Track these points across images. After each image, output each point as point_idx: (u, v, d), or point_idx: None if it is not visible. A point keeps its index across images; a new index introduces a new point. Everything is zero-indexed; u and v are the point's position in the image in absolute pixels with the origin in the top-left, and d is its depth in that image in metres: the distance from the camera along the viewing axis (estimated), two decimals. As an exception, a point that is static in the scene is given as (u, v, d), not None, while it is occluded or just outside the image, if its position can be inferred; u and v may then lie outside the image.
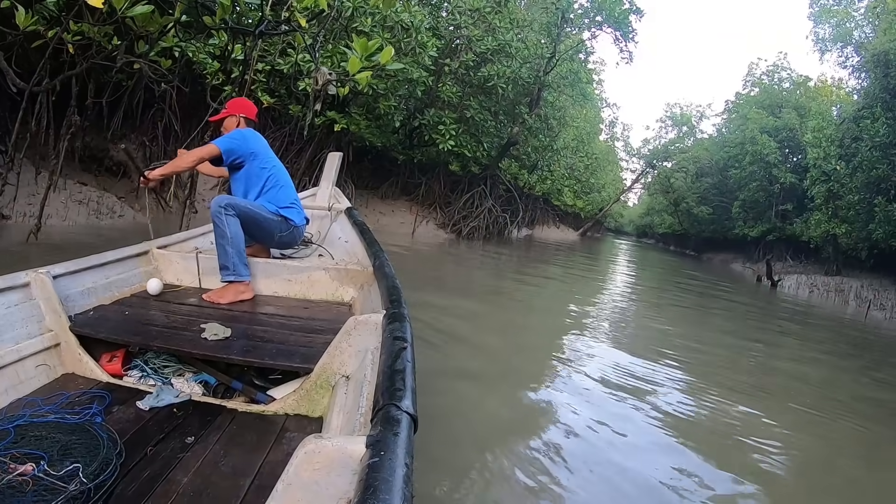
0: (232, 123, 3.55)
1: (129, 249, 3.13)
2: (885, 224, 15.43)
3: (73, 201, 7.91)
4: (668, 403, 4.64)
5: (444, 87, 14.20)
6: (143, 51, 4.00)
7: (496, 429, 3.69)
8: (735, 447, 4.00)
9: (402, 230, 15.99)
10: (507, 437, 3.56)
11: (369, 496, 0.83)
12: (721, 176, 32.68)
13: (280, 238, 3.47)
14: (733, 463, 3.70)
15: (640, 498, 3.05)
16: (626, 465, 3.41)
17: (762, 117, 26.98)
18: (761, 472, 3.63)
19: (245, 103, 3.63)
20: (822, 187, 19.43)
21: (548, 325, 7.58)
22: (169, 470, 1.64)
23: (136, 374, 2.31)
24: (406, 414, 1.14)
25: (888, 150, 15.55)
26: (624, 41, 21.26)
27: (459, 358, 4.98)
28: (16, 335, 2.13)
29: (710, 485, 3.30)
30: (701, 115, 44.05)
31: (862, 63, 19.32)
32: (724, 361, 6.68)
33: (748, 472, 3.59)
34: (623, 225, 71.58)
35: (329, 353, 2.11)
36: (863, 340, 10.60)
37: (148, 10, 2.85)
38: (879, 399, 6.07)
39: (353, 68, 3.60)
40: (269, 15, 3.57)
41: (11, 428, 1.65)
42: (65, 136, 6.15)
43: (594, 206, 38.19)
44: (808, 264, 22.95)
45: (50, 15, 4.00)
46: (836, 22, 24.08)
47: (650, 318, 9.53)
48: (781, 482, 3.61)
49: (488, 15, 14.12)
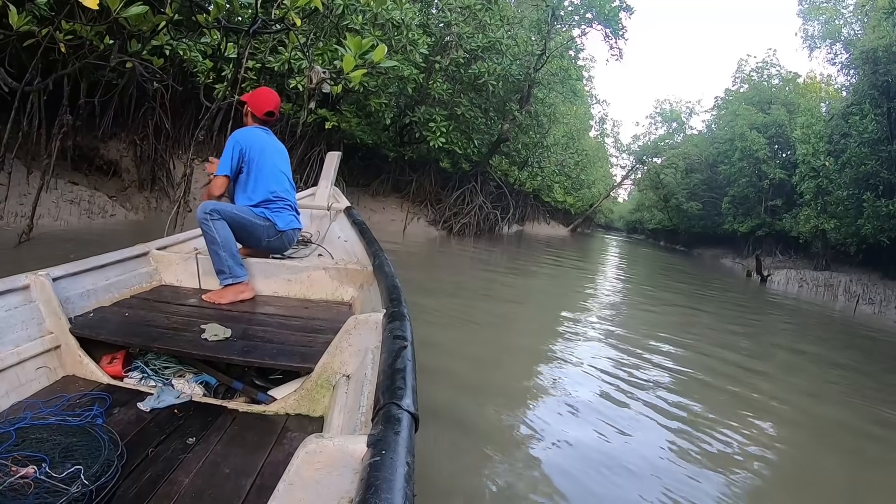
0: (246, 117, 3.54)
1: (129, 251, 3.11)
2: (873, 219, 15.56)
3: (65, 201, 7.85)
4: (667, 401, 4.69)
5: (435, 85, 14.17)
6: (135, 50, 3.97)
7: (487, 427, 3.71)
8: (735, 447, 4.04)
9: (393, 227, 15.97)
10: (502, 435, 3.59)
11: (371, 495, 0.83)
12: (710, 172, 32.89)
13: (268, 243, 3.43)
14: (733, 462, 3.74)
15: (639, 498, 3.08)
16: (624, 462, 3.45)
17: (751, 113, 27.16)
18: (757, 467, 3.68)
19: (260, 97, 3.51)
20: (811, 183, 19.57)
21: (540, 320, 7.61)
22: (170, 471, 1.64)
23: (136, 375, 2.30)
24: (407, 413, 1.14)
25: (876, 147, 15.69)
26: (614, 38, 21.25)
27: (450, 355, 5.00)
28: (16, 338, 2.11)
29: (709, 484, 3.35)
30: (690, 111, 44.33)
31: (851, 60, 19.43)
32: (716, 357, 6.73)
33: (745, 469, 3.63)
34: (613, 221, 71.71)
35: (329, 353, 2.11)
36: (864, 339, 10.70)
37: (143, 10, 2.84)
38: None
39: (348, 66, 3.58)
40: (261, 13, 3.55)
41: (12, 430, 1.65)
42: (57, 136, 6.09)
43: (584, 203, 38.24)
44: (797, 259, 23.15)
45: (41, 14, 3.97)
46: (825, 19, 24.27)
47: (642, 314, 9.58)
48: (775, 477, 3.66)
49: (479, 12, 14.11)
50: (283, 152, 3.62)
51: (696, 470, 3.47)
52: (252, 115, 3.50)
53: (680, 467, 3.47)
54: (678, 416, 4.35)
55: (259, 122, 3.51)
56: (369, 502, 0.81)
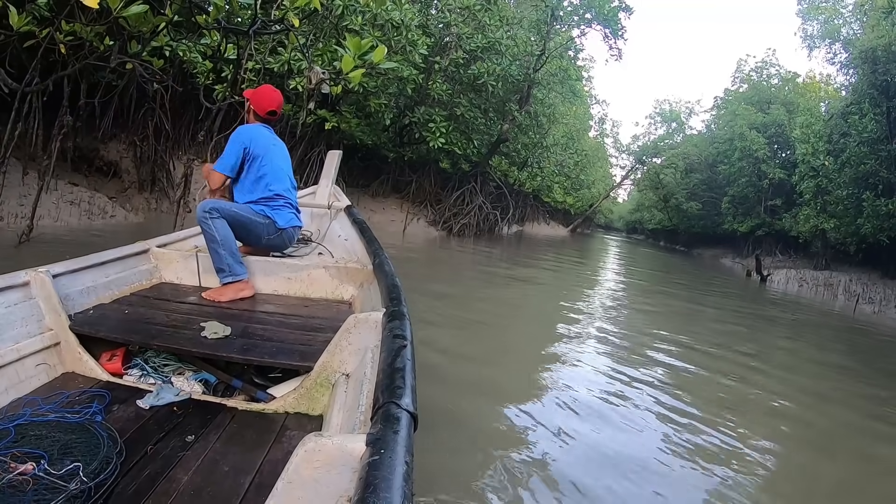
0: (248, 114, 3.53)
1: (129, 248, 3.11)
2: (873, 219, 15.57)
3: (65, 202, 7.86)
4: (667, 400, 4.69)
5: (435, 85, 14.18)
6: (135, 51, 3.98)
7: (487, 426, 3.71)
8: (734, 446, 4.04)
9: (393, 228, 15.97)
10: (502, 434, 3.59)
11: (369, 494, 0.83)
12: (710, 172, 32.90)
13: (268, 241, 3.42)
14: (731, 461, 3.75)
15: (637, 495, 3.08)
16: (624, 462, 3.45)
17: (751, 113, 27.17)
18: (757, 467, 3.69)
19: (263, 96, 3.48)
20: (810, 183, 19.58)
21: (540, 320, 7.61)
22: (169, 468, 1.63)
23: (136, 372, 2.30)
24: (406, 412, 1.14)
25: (876, 146, 15.70)
26: (613, 38, 21.26)
27: (450, 355, 5.00)
28: (15, 334, 2.11)
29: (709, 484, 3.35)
30: (690, 111, 44.34)
31: (850, 59, 19.43)
32: (716, 356, 6.74)
33: (745, 469, 3.64)
34: (613, 221, 71.73)
35: (329, 352, 2.11)
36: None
37: (143, 9, 2.84)
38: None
39: (347, 67, 3.59)
40: (261, 14, 3.56)
41: (12, 427, 1.65)
42: (57, 137, 6.09)
43: (584, 203, 38.23)
44: (797, 259, 23.16)
45: (41, 15, 3.98)
46: (824, 19, 24.29)
47: (641, 314, 9.58)
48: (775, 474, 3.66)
49: (478, 12, 14.12)
50: (284, 151, 3.60)
51: (696, 470, 3.47)
52: (254, 112, 3.48)
53: (680, 467, 3.47)
54: (678, 416, 4.35)
55: (261, 120, 3.49)
56: (368, 501, 0.81)
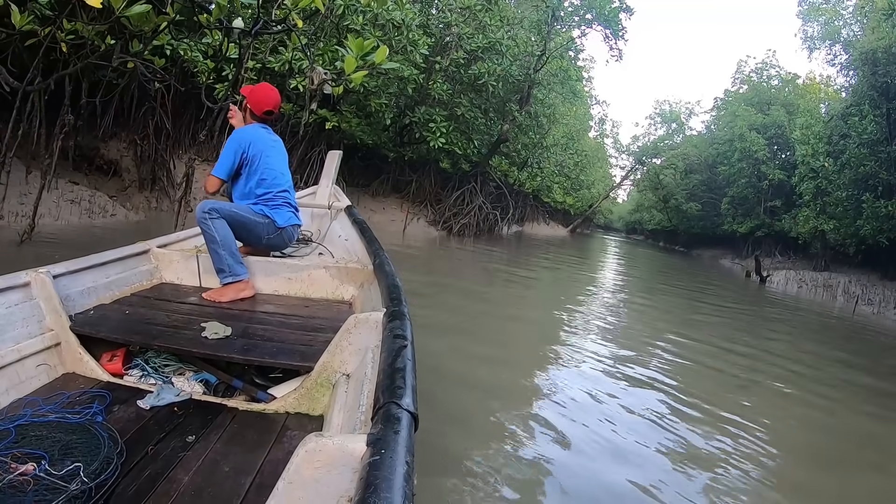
0: (245, 112, 3.49)
1: (129, 248, 3.10)
2: (872, 220, 15.59)
3: (65, 201, 7.86)
4: (667, 400, 4.71)
5: (435, 85, 14.18)
6: (137, 50, 3.98)
7: (487, 425, 3.71)
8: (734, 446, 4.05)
9: (393, 228, 15.97)
10: (502, 434, 3.59)
11: (370, 494, 0.83)
12: (710, 173, 32.91)
13: (268, 240, 3.42)
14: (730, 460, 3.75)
15: (637, 495, 3.08)
16: (625, 461, 3.45)
17: (751, 114, 27.19)
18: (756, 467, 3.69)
19: (260, 95, 3.44)
20: (810, 184, 19.60)
21: (539, 320, 7.61)
22: (170, 469, 1.63)
23: (136, 373, 2.30)
24: (406, 412, 1.13)
25: (875, 148, 15.71)
26: (613, 39, 21.31)
27: (451, 355, 5.00)
28: (16, 335, 2.11)
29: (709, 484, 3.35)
30: (690, 112, 44.39)
31: (850, 61, 19.47)
32: (715, 356, 6.74)
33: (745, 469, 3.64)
34: (612, 221, 71.70)
35: (329, 352, 2.11)
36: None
37: (146, 9, 2.84)
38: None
39: (349, 68, 3.58)
40: (263, 14, 3.55)
41: (12, 428, 1.65)
42: (58, 136, 6.09)
43: (584, 203, 38.24)
44: (796, 260, 23.17)
45: (43, 14, 3.97)
46: (824, 20, 24.33)
47: (641, 314, 9.59)
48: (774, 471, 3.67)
49: (479, 13, 14.13)
50: (282, 150, 3.58)
51: (696, 470, 3.48)
52: (251, 111, 3.45)
53: (681, 467, 3.48)
54: (679, 416, 4.36)
55: (258, 120, 3.47)
56: (368, 501, 0.81)
